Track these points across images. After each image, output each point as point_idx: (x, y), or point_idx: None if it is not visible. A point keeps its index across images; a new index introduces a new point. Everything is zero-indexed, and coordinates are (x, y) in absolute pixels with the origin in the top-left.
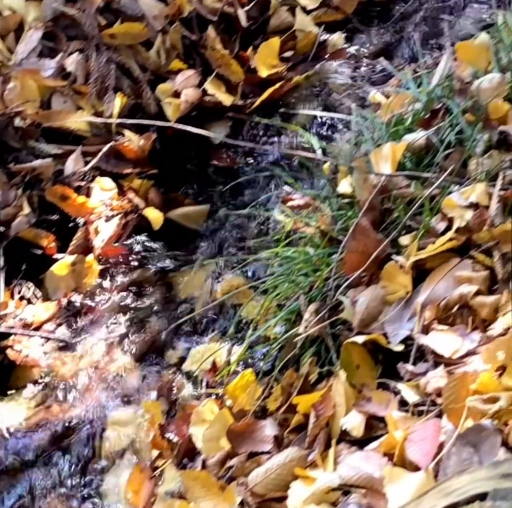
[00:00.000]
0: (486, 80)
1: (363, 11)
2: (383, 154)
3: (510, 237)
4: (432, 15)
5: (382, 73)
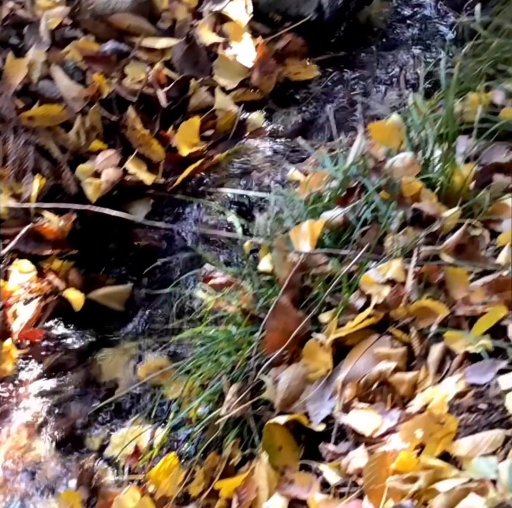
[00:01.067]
0: (398, 159)
1: (281, 90)
2: (302, 232)
3: (426, 313)
4: (346, 96)
5: (300, 152)
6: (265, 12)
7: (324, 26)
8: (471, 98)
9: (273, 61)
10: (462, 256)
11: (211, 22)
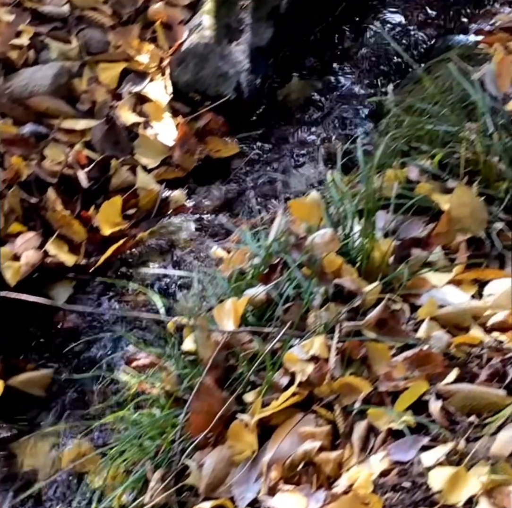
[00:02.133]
0: (319, 235)
1: (203, 168)
2: (226, 310)
3: (350, 390)
4: (267, 173)
5: (223, 229)
6: (185, 92)
7: (243, 105)
8: (388, 174)
9: (194, 139)
10: (384, 330)
11: (131, 103)
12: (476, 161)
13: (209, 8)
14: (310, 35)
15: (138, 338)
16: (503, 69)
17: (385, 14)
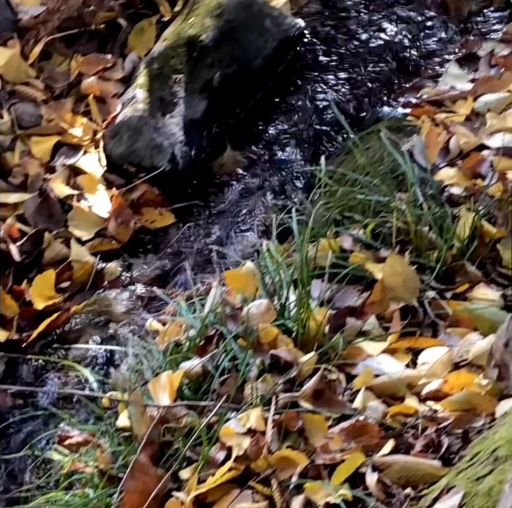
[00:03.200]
0: (254, 306)
1: (138, 239)
2: (161, 384)
3: (286, 464)
4: (202, 244)
5: (159, 301)
6: (119, 164)
7: (178, 176)
8: (322, 243)
9: (129, 210)
10: (320, 401)
11: (65, 176)
12: (407, 230)
13: (142, 82)
14: (243, 107)
15: (71, 416)
16: (431, 140)
17: (316, 88)
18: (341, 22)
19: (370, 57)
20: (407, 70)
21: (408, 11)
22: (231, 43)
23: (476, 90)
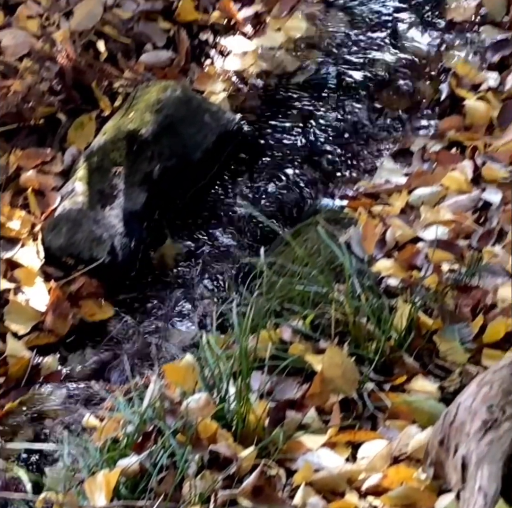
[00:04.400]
0: (193, 400)
1: (76, 332)
2: (97, 483)
3: None
4: (141, 337)
5: (96, 396)
6: (58, 257)
7: (118, 268)
8: (262, 335)
9: (67, 303)
10: (260, 498)
11: (2, 269)
12: (346, 321)
13: (81, 175)
14: (183, 198)
15: None
16: (368, 232)
17: (254, 180)
18: (279, 116)
19: (307, 150)
20: (344, 164)
21: (344, 106)
22: (170, 137)
23: (410, 184)
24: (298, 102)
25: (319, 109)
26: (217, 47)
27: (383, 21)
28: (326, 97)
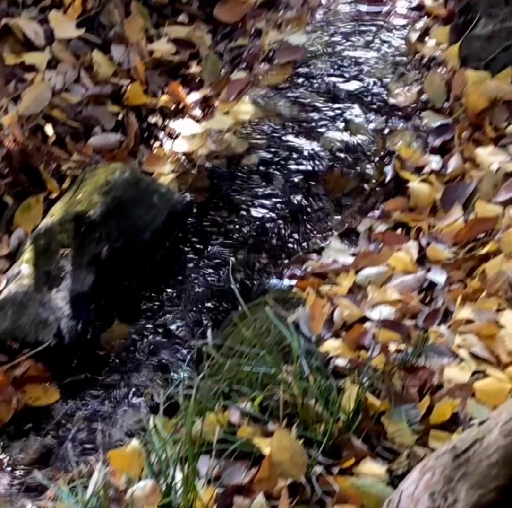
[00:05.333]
0: (139, 488)
1: (20, 418)
2: None
3: None
4: (87, 422)
5: (39, 484)
6: (2, 340)
7: (64, 351)
8: (210, 418)
9: (11, 388)
10: None
11: None
12: (294, 403)
13: (28, 257)
14: (132, 279)
15: None
16: (316, 312)
17: (204, 260)
18: (227, 197)
19: (256, 230)
20: (292, 244)
21: (291, 187)
22: (119, 219)
23: (357, 263)
24: (246, 184)
25: (266, 190)
26: (166, 129)
27: (329, 105)
28: (273, 178)
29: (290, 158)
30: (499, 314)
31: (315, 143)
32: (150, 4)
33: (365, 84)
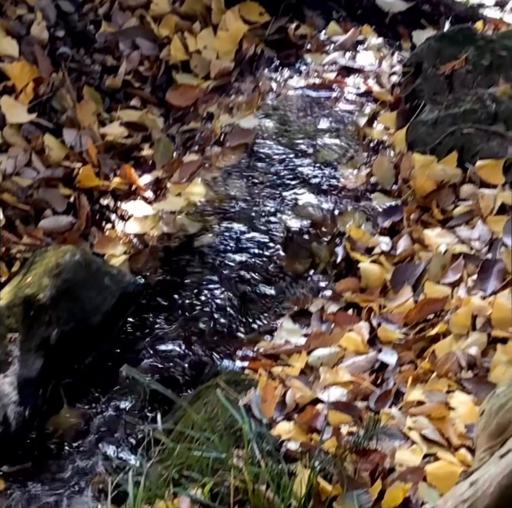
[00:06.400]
0: None
1: None
2: None
3: None
4: None
5: None
6: None
7: (10, 438)
8: (159, 506)
9: None
10: None
11: None
12: (245, 489)
13: None
14: (82, 363)
15: None
16: (268, 394)
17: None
18: (179, 278)
19: (207, 311)
20: (244, 325)
21: (243, 268)
22: (69, 301)
23: (310, 344)
24: (199, 264)
25: (218, 270)
26: (118, 211)
27: (280, 187)
28: (225, 259)
29: (242, 239)
30: (449, 395)
31: (266, 224)
32: (103, 89)
33: (316, 167)
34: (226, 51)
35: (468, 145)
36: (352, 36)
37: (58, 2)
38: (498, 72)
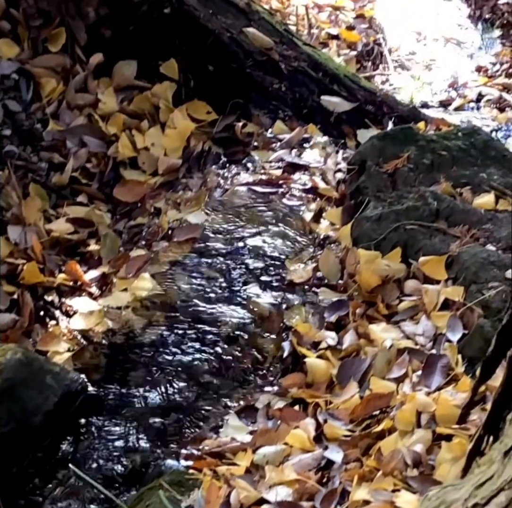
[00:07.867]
0: None
1: None
2: None
3: None
4: None
5: None
6: None
7: None
8: None
9: None
10: None
11: None
12: None
13: None
14: (20, 465)
15: None
16: (212, 495)
17: (99, 439)
18: (125, 374)
19: (153, 409)
20: (189, 422)
21: (189, 364)
22: (9, 401)
23: (255, 442)
24: (144, 360)
25: (164, 366)
26: (62, 307)
27: (226, 281)
28: (170, 355)
29: (188, 336)
30: (395, 494)
31: (213, 320)
32: (49, 186)
33: (263, 261)
34: (174, 148)
35: (412, 241)
36: (298, 134)
37: (5, 101)
38: (439, 171)
